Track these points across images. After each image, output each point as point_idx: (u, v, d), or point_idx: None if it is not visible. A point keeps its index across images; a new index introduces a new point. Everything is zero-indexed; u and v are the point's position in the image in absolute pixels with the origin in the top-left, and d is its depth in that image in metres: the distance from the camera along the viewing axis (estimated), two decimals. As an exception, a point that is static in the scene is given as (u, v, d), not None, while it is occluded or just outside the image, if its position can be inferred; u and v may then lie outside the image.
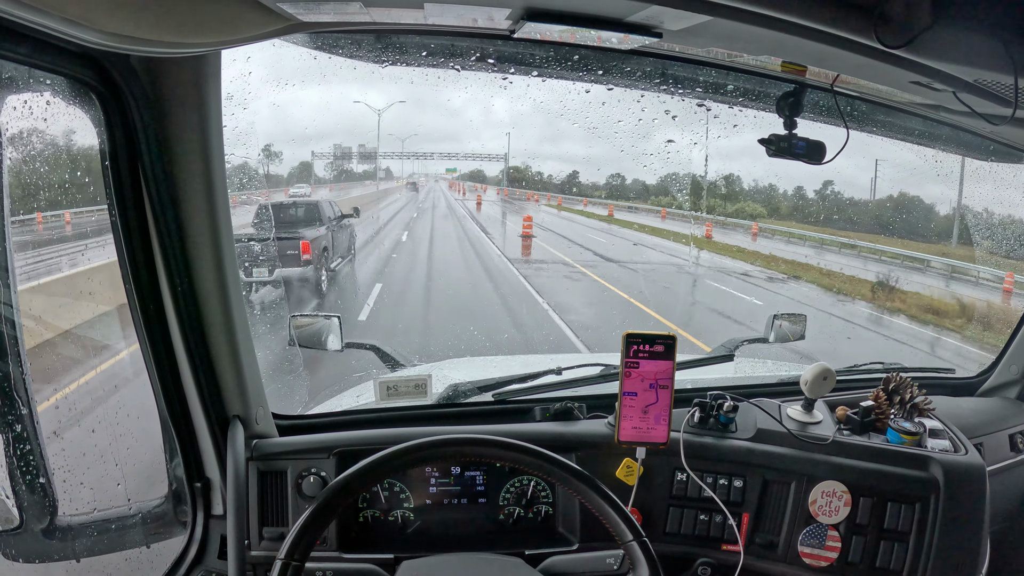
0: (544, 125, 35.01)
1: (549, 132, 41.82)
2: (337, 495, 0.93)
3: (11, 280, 1.03)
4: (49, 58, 0.83)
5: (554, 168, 48.39)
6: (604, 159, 36.94)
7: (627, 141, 9.91)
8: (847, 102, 1.35)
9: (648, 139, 7.15)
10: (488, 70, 1.13)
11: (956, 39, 0.88)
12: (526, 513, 1.28)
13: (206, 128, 1.00)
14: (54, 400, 1.50)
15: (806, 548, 1.20)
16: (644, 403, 1.08)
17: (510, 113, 23.87)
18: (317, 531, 0.91)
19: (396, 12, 0.88)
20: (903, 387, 1.35)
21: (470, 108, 41.05)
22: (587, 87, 1.22)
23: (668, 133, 6.36)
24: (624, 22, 0.83)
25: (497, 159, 37.95)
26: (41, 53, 0.80)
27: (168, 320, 1.09)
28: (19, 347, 1.06)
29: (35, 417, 1.12)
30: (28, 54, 0.79)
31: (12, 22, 0.68)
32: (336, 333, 1.74)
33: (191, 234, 1.05)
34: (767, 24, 0.80)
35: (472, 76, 1.21)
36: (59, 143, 1.06)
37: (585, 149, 44.20)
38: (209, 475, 1.21)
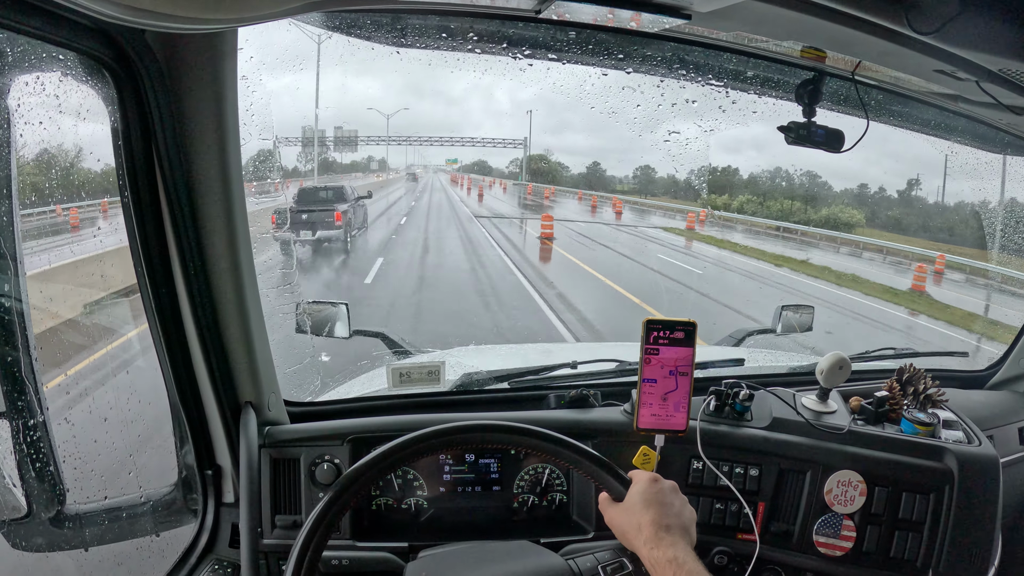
0: (558, 113, 34.51)
1: (557, 121, 41.36)
2: (351, 485, 0.91)
3: (19, 267, 1.01)
4: (63, 32, 0.80)
5: (571, 160, 48.09)
6: (626, 151, 36.54)
7: (650, 130, 9.60)
8: (864, 91, 1.34)
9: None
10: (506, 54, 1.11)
11: (983, 26, 0.87)
12: (540, 501, 1.27)
13: (221, 107, 0.98)
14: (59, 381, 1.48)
15: (821, 537, 1.20)
16: (664, 390, 1.07)
17: (523, 99, 23.15)
18: (333, 521, 0.90)
19: (420, -10, 0.86)
20: (917, 378, 1.35)
21: (476, 94, 41.77)
22: (605, 71, 1.21)
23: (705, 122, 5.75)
24: (654, 2, 0.82)
25: (513, 145, 36.09)
26: (55, 27, 0.78)
27: (180, 304, 1.07)
28: (28, 334, 1.04)
29: (44, 405, 1.10)
30: (41, 27, 0.76)
31: None
32: (344, 320, 1.73)
33: (205, 216, 1.03)
34: (798, 8, 0.79)
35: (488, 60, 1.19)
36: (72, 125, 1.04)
37: (602, 141, 44.39)
38: (220, 462, 1.19)
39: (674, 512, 0.88)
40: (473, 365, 1.45)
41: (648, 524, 0.85)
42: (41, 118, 0.98)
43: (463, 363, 1.49)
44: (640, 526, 0.86)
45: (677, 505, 0.89)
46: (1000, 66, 1.00)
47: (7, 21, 0.73)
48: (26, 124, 0.96)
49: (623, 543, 0.91)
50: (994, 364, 1.75)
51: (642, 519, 0.86)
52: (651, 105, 1.86)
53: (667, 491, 0.90)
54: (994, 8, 0.85)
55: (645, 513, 0.86)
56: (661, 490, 0.90)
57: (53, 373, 1.28)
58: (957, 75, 1.06)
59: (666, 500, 0.88)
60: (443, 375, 1.36)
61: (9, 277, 1.00)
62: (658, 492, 0.89)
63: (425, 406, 1.36)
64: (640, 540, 0.85)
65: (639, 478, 0.92)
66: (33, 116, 0.96)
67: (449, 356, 1.80)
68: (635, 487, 0.91)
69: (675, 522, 0.86)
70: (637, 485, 0.91)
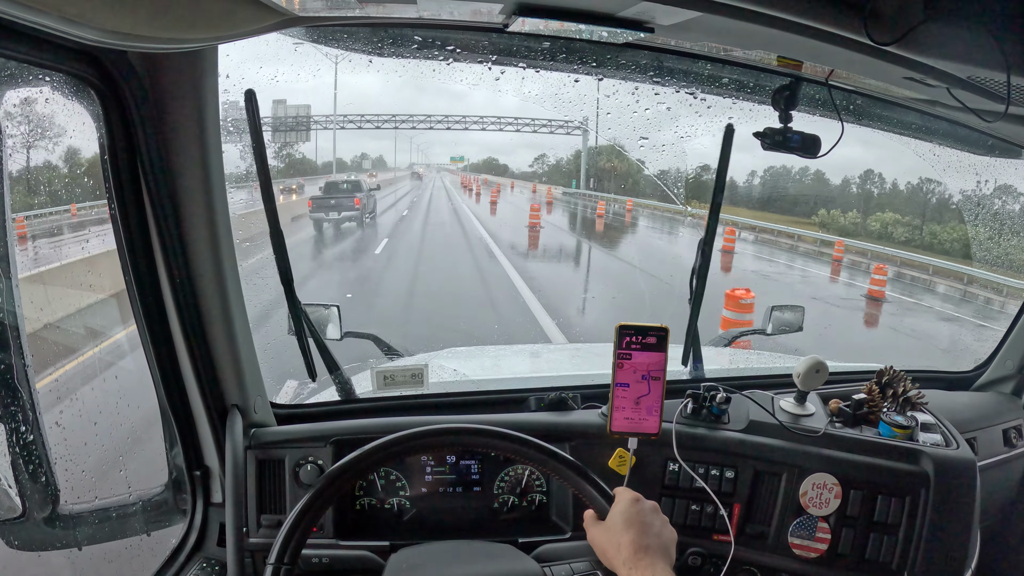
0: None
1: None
2: (329, 487, 0.94)
3: (12, 270, 1.04)
4: (47, 55, 0.83)
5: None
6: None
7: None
8: (844, 96, 1.35)
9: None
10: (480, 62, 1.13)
11: (949, 35, 0.88)
12: (520, 501, 1.30)
13: (203, 121, 1.01)
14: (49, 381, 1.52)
15: (796, 539, 1.21)
16: (636, 394, 1.08)
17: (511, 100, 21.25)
18: (310, 522, 0.93)
19: (390, 7, 0.88)
20: (896, 380, 1.36)
21: (471, 95, 38.49)
22: (600, 77, 1.22)
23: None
24: (615, 17, 0.84)
25: (568, 129, 25.27)
26: (39, 50, 0.81)
27: (167, 311, 1.11)
28: (20, 336, 1.08)
29: (37, 406, 1.13)
30: (26, 52, 0.80)
31: (10, 21, 0.69)
32: (335, 322, 1.75)
33: (189, 225, 1.07)
34: (757, 20, 0.81)
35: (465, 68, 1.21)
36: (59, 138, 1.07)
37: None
38: (208, 463, 1.23)
39: (654, 532, 0.88)
40: (457, 367, 1.48)
41: (627, 544, 0.86)
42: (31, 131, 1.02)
43: (447, 366, 1.52)
44: (620, 546, 0.87)
45: (657, 526, 0.90)
46: (968, 74, 1.00)
47: None
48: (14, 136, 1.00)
49: (602, 561, 0.92)
50: (980, 365, 1.76)
51: (622, 539, 0.87)
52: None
53: (648, 511, 0.91)
54: (958, 17, 0.86)
55: (625, 533, 0.87)
56: (642, 510, 0.90)
57: (45, 374, 1.31)
58: (927, 82, 1.06)
59: (646, 520, 0.89)
60: (427, 378, 1.38)
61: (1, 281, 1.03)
62: (639, 512, 0.90)
63: (409, 408, 1.39)
64: (619, 560, 0.86)
65: (621, 497, 0.93)
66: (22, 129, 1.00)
67: (434, 359, 1.82)
68: (617, 507, 0.92)
69: (654, 543, 0.87)
70: (619, 505, 0.92)
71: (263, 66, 1.36)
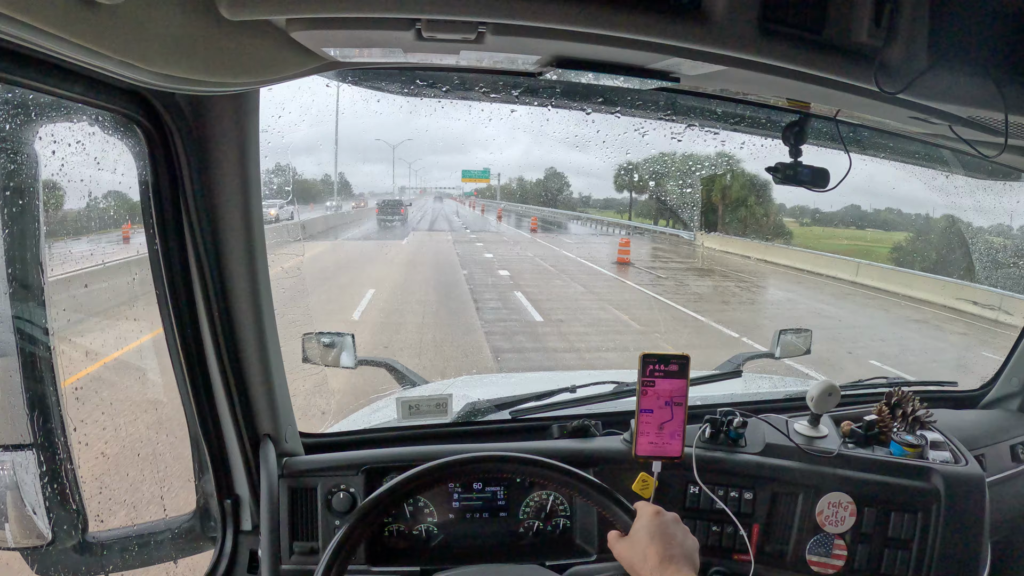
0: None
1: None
2: (371, 511, 0.97)
3: (46, 304, 1.07)
4: (99, 95, 0.87)
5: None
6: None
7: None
8: (851, 129, 1.41)
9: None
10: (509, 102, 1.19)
11: (951, 80, 0.93)
12: (545, 526, 1.32)
13: (245, 161, 1.05)
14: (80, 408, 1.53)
15: (814, 557, 1.25)
16: (660, 420, 1.13)
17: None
18: (353, 547, 0.95)
19: (434, 56, 0.93)
20: (905, 401, 1.41)
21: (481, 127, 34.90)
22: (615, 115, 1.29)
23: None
24: (645, 68, 0.89)
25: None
26: (91, 90, 0.84)
27: (205, 344, 1.14)
28: (55, 367, 1.11)
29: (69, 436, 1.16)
30: (80, 91, 0.83)
31: (70, 63, 0.72)
32: (349, 350, 1.77)
33: (228, 259, 1.10)
34: (775, 72, 0.86)
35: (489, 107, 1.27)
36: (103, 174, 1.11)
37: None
38: (239, 492, 1.25)
39: (677, 542, 0.92)
40: (477, 395, 1.51)
41: (653, 555, 0.90)
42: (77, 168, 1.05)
43: (466, 395, 1.55)
44: (646, 557, 0.91)
45: (680, 536, 0.94)
46: (969, 114, 1.07)
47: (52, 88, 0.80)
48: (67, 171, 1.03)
49: (631, 574, 0.95)
50: (987, 384, 1.81)
51: (647, 550, 0.91)
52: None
53: (670, 523, 0.95)
54: (959, 63, 0.92)
55: (650, 545, 0.91)
56: (664, 522, 0.95)
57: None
58: (931, 121, 1.13)
59: (669, 531, 0.94)
60: (451, 407, 1.41)
61: (36, 311, 1.06)
62: (661, 524, 0.94)
63: (433, 437, 1.41)
64: (647, 571, 0.90)
65: (643, 511, 0.97)
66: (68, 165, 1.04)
67: (452, 387, 1.85)
68: (640, 521, 0.96)
69: (678, 552, 0.91)
70: (642, 519, 0.96)
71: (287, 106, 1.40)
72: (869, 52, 0.86)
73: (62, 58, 0.69)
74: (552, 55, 0.87)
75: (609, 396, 1.51)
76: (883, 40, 0.86)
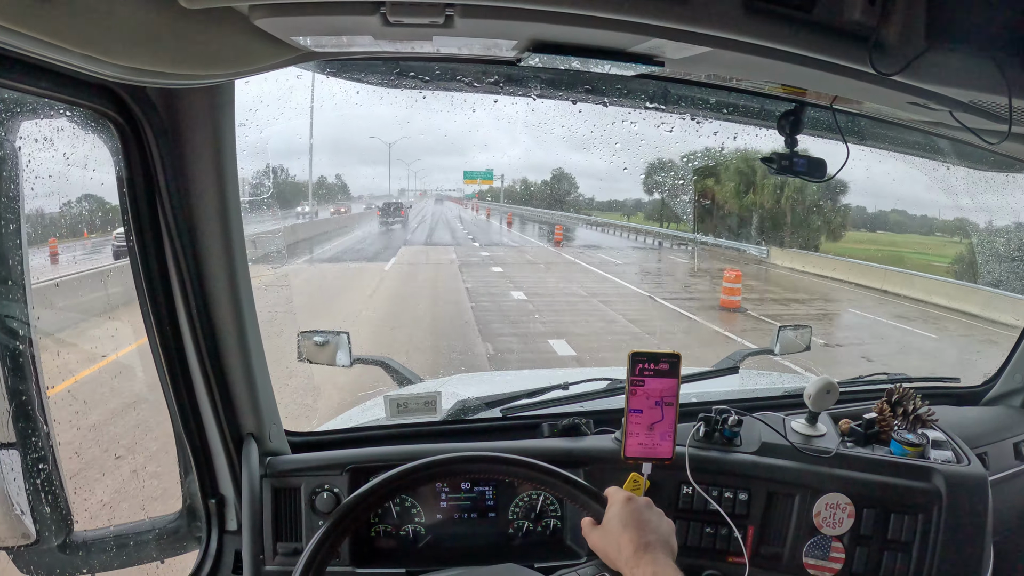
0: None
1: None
2: (348, 514, 0.95)
3: (28, 299, 1.06)
4: (68, 90, 0.86)
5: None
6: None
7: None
8: (849, 118, 1.37)
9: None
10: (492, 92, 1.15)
11: (951, 62, 0.90)
12: (535, 527, 1.30)
13: (220, 154, 1.03)
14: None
15: (810, 559, 1.21)
16: (650, 420, 1.09)
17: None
18: (332, 547, 0.93)
19: (404, 43, 0.90)
20: (906, 399, 1.36)
21: (477, 123, 32.20)
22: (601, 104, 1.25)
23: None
24: (627, 52, 0.86)
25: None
26: (60, 86, 0.83)
27: (184, 341, 1.12)
28: (37, 367, 1.10)
29: (52, 435, 1.15)
30: (47, 87, 0.82)
31: (34, 58, 0.71)
32: (345, 349, 1.76)
33: (206, 255, 1.08)
34: (764, 54, 0.82)
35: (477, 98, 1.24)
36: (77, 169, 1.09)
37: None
38: (223, 492, 1.23)
39: (651, 528, 0.90)
40: (468, 393, 1.48)
41: (627, 543, 0.87)
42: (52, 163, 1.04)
43: (458, 392, 1.52)
44: (620, 546, 0.88)
45: (654, 521, 0.91)
46: (971, 98, 1.02)
47: (18, 84, 0.79)
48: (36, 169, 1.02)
49: (606, 563, 0.93)
50: (989, 380, 1.76)
51: (621, 539, 0.88)
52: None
53: (642, 508, 0.92)
54: (959, 44, 0.88)
55: (623, 533, 0.88)
56: (636, 508, 0.92)
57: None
58: (930, 106, 1.08)
59: (642, 518, 0.90)
60: (440, 405, 1.39)
61: (19, 311, 1.05)
62: (633, 511, 0.91)
63: (422, 435, 1.39)
64: (621, 560, 0.87)
65: (614, 499, 0.94)
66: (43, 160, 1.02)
67: (445, 385, 1.83)
68: (611, 509, 0.93)
69: (653, 538, 0.88)
70: (613, 507, 0.93)
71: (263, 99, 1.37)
72: (863, 31, 0.82)
73: (26, 53, 0.67)
74: (529, 39, 0.83)
75: (602, 393, 1.48)
76: (878, 19, 0.82)
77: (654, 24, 0.74)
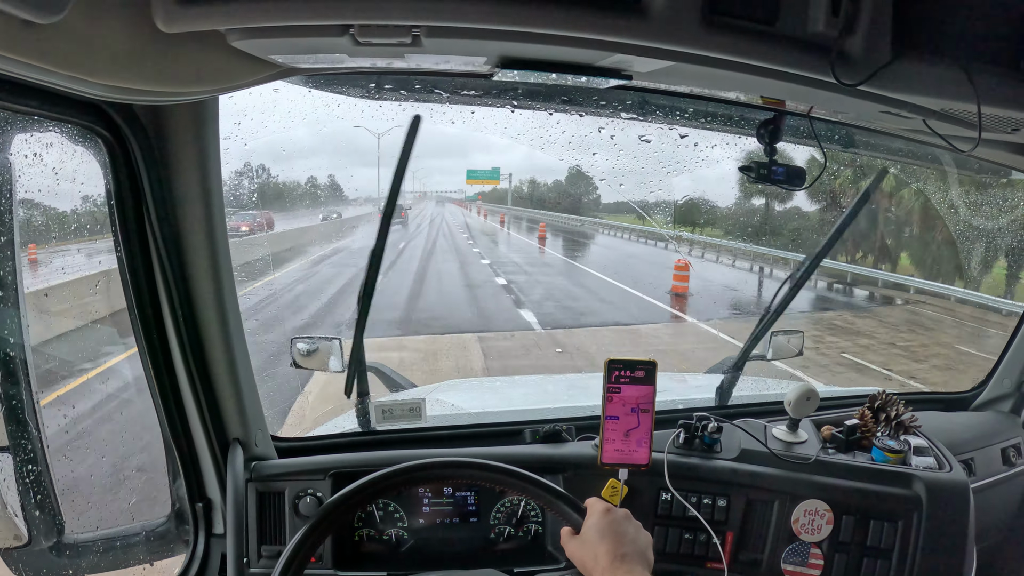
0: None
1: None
2: (314, 531, 0.95)
3: (20, 305, 1.09)
4: (55, 109, 0.88)
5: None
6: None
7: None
8: (828, 127, 1.38)
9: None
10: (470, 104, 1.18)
11: (919, 71, 0.90)
12: (516, 532, 1.31)
13: (205, 167, 1.06)
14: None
15: (789, 566, 1.22)
16: (626, 427, 1.10)
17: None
18: (311, 549, 0.95)
19: (379, 60, 0.93)
20: (889, 404, 1.37)
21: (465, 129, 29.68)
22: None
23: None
24: (594, 67, 0.88)
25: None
26: (48, 104, 0.86)
27: (171, 349, 1.15)
28: (28, 367, 1.12)
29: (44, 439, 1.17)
30: (36, 106, 0.84)
31: (22, 79, 0.73)
32: (337, 355, 1.77)
33: (191, 266, 1.11)
34: (728, 67, 0.84)
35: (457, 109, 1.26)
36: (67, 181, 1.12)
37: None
38: (210, 495, 1.26)
39: (629, 539, 0.90)
40: (455, 400, 1.50)
41: (604, 554, 0.88)
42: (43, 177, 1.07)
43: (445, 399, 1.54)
44: (597, 557, 0.88)
45: (631, 532, 0.92)
46: (942, 106, 1.03)
47: (7, 103, 0.82)
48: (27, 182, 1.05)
49: (584, 574, 0.93)
50: (978, 385, 1.76)
51: (598, 550, 0.89)
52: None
53: (620, 520, 0.92)
54: (926, 53, 0.89)
55: (600, 544, 0.89)
56: (614, 520, 0.92)
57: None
58: (902, 115, 1.09)
59: (620, 529, 0.91)
60: (424, 411, 1.40)
61: (11, 315, 1.08)
62: (611, 522, 0.92)
63: (407, 441, 1.41)
64: (598, 570, 0.88)
65: (593, 509, 0.95)
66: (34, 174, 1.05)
67: (434, 392, 1.85)
68: (589, 520, 0.94)
69: (630, 549, 0.88)
70: (591, 518, 0.94)
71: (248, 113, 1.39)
72: (825, 42, 0.83)
73: (15, 75, 0.70)
74: (497, 56, 0.85)
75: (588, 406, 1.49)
76: (840, 30, 0.83)
77: (615, 40, 0.76)
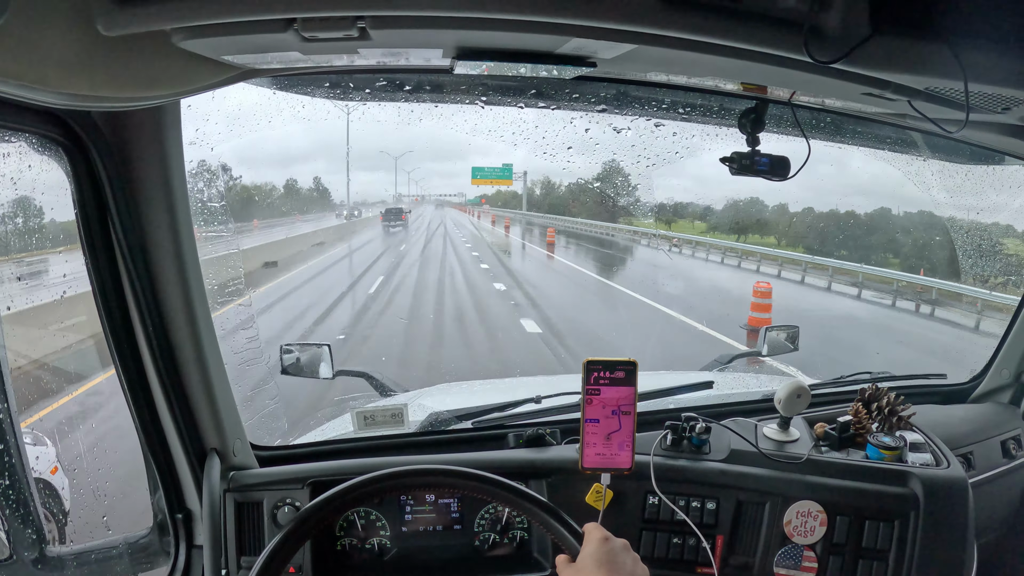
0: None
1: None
2: (287, 541, 0.93)
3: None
4: (13, 118, 0.87)
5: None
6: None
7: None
8: (813, 115, 1.34)
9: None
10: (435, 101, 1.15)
11: (900, 47, 0.86)
12: (501, 539, 1.28)
13: (168, 174, 1.04)
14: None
15: (782, 569, 1.18)
16: (607, 430, 1.06)
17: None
18: (280, 564, 0.92)
19: (334, 57, 0.90)
20: (879, 395, 1.32)
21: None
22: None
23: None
24: (555, 54, 0.85)
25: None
26: (4, 113, 0.84)
27: (143, 358, 1.13)
28: (6, 387, 1.11)
29: (24, 454, 1.16)
30: None
31: None
32: (327, 361, 1.76)
33: (159, 273, 1.09)
34: (694, 48, 0.80)
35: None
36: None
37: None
38: (190, 506, 1.24)
39: (626, 571, 0.87)
40: (440, 405, 1.48)
41: None
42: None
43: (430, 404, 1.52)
44: None
45: (629, 564, 0.89)
46: (926, 85, 0.99)
47: None
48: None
49: None
50: (976, 376, 1.71)
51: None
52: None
53: (619, 550, 0.90)
54: (909, 27, 0.84)
55: (596, 573, 0.86)
56: (612, 550, 0.89)
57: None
58: (886, 96, 1.05)
59: (617, 560, 0.88)
60: (407, 417, 1.38)
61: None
62: (609, 552, 0.89)
63: (389, 448, 1.38)
64: None
65: (591, 536, 0.92)
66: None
67: (420, 397, 1.82)
68: (586, 548, 0.91)
69: None
70: (588, 546, 0.91)
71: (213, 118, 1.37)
72: (797, 18, 0.78)
73: None
74: (454, 47, 0.83)
75: (573, 406, 1.45)
76: (812, 4, 0.79)
77: (571, 23, 0.72)
